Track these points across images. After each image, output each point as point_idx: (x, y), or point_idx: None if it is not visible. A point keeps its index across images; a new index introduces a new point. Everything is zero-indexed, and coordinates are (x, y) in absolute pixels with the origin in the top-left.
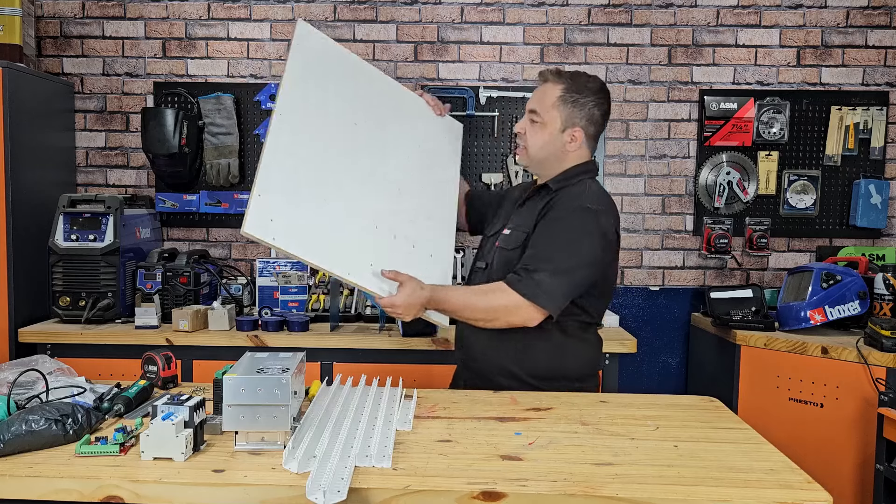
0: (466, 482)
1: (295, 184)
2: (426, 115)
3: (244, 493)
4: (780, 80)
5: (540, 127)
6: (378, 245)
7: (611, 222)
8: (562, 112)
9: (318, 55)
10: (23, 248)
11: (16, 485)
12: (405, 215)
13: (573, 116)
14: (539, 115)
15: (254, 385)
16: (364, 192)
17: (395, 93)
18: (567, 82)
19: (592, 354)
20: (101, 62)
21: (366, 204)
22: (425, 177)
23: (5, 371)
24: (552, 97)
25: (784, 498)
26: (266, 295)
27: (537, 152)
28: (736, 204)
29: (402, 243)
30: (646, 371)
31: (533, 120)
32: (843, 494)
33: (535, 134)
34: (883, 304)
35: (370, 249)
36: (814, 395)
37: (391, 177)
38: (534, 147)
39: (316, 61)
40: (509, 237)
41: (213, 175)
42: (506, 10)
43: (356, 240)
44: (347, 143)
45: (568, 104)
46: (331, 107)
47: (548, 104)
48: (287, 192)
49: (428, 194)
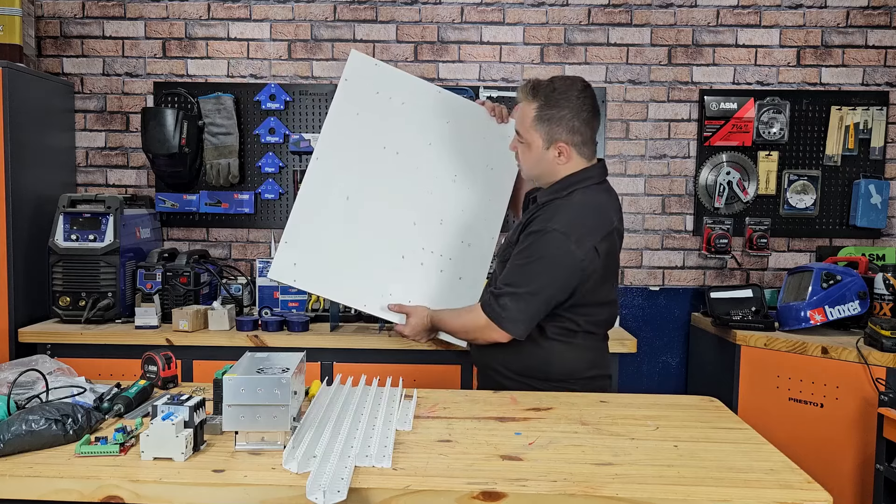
0: (466, 482)
1: (319, 236)
2: (487, 128)
3: (244, 493)
4: (780, 80)
5: (526, 147)
6: (401, 275)
7: (585, 243)
8: (540, 131)
9: (366, 87)
10: (23, 248)
11: (16, 485)
12: (437, 244)
13: (553, 133)
14: (522, 137)
15: (254, 385)
16: (398, 223)
17: (457, 108)
18: (541, 100)
19: (580, 357)
20: (101, 62)
21: (396, 236)
22: (474, 196)
23: (5, 371)
24: (529, 117)
25: (784, 498)
26: (266, 295)
27: (530, 171)
28: (736, 204)
29: (429, 271)
30: (646, 371)
31: (519, 141)
32: (843, 494)
33: (524, 154)
34: (883, 304)
35: (392, 279)
36: (814, 395)
37: (433, 202)
38: (526, 166)
39: (363, 93)
40: (502, 248)
41: (213, 175)
42: (506, 10)
43: (377, 273)
44: (386, 172)
45: (544, 122)
46: (373, 140)
47: (527, 125)
48: (310, 243)
49: (471, 218)
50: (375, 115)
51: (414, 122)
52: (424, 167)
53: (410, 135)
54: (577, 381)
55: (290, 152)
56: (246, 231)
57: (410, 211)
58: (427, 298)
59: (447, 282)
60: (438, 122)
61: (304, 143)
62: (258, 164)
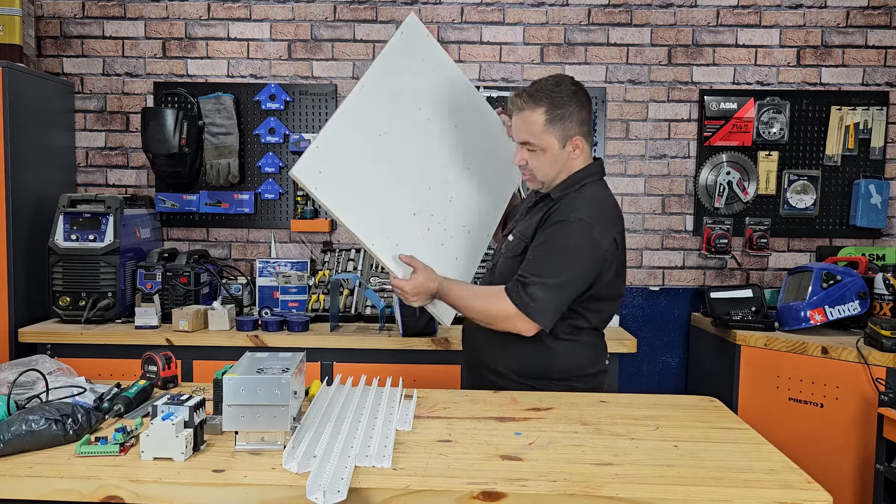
0: (466, 482)
1: (349, 155)
2: (500, 136)
3: (244, 493)
4: (780, 80)
5: (540, 153)
6: (409, 231)
7: (608, 232)
8: (554, 133)
9: (416, 49)
10: (23, 248)
11: (16, 485)
12: (444, 216)
13: (567, 130)
14: (534, 144)
15: (254, 385)
16: (417, 181)
17: (480, 107)
18: (545, 103)
19: (583, 354)
20: (101, 62)
21: (413, 192)
22: (479, 193)
23: (5, 371)
24: (538, 124)
25: (784, 498)
26: (266, 295)
27: (547, 175)
28: (736, 204)
29: (432, 239)
30: (646, 371)
31: (529, 149)
32: (843, 494)
33: (538, 160)
34: (883, 304)
35: (400, 232)
36: (814, 395)
37: (449, 178)
38: (542, 172)
39: (412, 53)
40: (511, 244)
41: (212, 175)
42: (506, 10)
43: (391, 218)
44: (416, 133)
45: (557, 123)
46: (410, 97)
47: (537, 131)
48: (340, 158)
49: (474, 210)
50: (420, 78)
51: (448, 101)
52: (447, 144)
53: (444, 111)
54: (580, 378)
55: (290, 152)
56: (246, 231)
57: (428, 177)
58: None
59: (445, 257)
60: (467, 112)
61: (304, 143)
62: (258, 164)
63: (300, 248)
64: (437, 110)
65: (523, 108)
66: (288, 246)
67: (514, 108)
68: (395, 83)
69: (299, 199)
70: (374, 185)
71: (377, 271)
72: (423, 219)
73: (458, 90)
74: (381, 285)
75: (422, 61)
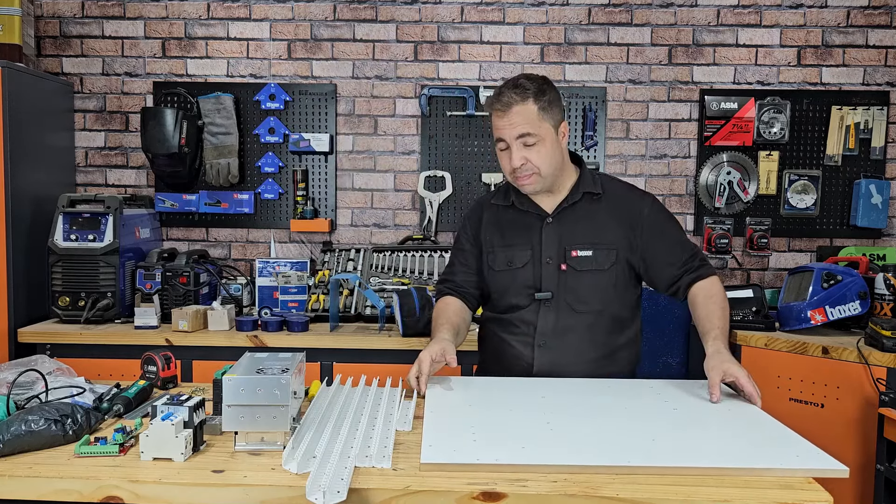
0: (466, 482)
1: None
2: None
3: (244, 493)
4: (781, 79)
5: (540, 145)
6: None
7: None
8: (548, 120)
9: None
10: (22, 248)
11: (16, 485)
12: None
13: (556, 115)
14: (534, 136)
15: (253, 385)
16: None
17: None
18: (532, 93)
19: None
20: (101, 62)
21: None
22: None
23: (5, 371)
24: (534, 113)
25: (784, 498)
26: (266, 295)
27: (550, 167)
28: (736, 204)
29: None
30: (646, 371)
31: (528, 144)
32: (843, 494)
33: (540, 153)
34: (883, 304)
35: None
36: (814, 396)
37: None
38: (545, 165)
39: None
40: (591, 259)
41: (212, 175)
42: (506, 10)
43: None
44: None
45: (548, 110)
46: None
47: (534, 120)
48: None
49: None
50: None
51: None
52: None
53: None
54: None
55: (290, 152)
56: (245, 231)
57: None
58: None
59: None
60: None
61: (304, 142)
62: (258, 163)
63: (300, 248)
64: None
65: (512, 104)
66: (287, 246)
67: (501, 108)
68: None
69: (299, 198)
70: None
71: (377, 271)
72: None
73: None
74: (380, 285)
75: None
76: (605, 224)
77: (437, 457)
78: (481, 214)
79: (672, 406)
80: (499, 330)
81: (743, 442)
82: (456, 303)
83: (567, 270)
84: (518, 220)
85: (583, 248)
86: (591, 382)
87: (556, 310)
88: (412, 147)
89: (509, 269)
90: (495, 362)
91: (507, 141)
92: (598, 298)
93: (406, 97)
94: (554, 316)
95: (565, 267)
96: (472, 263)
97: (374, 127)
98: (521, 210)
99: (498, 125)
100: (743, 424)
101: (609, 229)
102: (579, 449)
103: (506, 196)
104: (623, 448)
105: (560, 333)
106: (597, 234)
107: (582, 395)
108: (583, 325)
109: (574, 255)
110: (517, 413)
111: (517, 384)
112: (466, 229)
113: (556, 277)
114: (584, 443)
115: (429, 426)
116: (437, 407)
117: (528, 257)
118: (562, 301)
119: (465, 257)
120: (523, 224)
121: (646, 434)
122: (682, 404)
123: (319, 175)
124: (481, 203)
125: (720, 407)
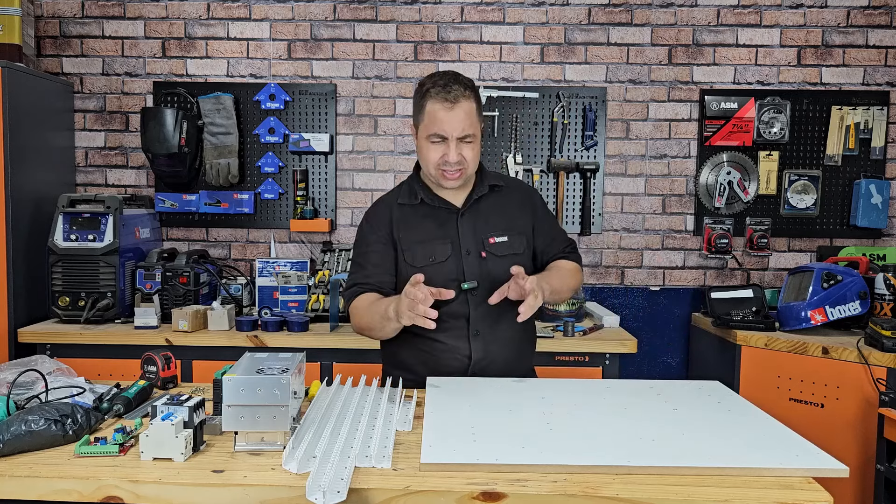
0: (466, 482)
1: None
2: None
3: (244, 493)
4: (781, 79)
5: (475, 143)
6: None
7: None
8: (481, 119)
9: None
10: (22, 248)
11: (16, 485)
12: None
13: (480, 114)
14: (472, 135)
15: (253, 385)
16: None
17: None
18: (473, 93)
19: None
20: (101, 62)
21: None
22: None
23: (5, 371)
24: (473, 111)
25: (784, 498)
26: (266, 295)
27: (475, 164)
28: (736, 204)
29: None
30: (646, 371)
31: (466, 141)
32: (843, 494)
33: (473, 150)
34: (883, 304)
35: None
36: (814, 396)
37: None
38: (474, 162)
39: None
40: (507, 244)
41: (212, 175)
42: (506, 10)
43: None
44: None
45: (480, 110)
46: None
47: (475, 119)
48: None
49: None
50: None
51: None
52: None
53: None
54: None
55: (290, 152)
56: (245, 231)
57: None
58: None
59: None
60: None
61: (304, 142)
62: (258, 163)
63: (300, 248)
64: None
65: (459, 98)
66: (287, 246)
67: (448, 103)
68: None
69: (299, 198)
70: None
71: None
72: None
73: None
74: None
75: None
76: (513, 213)
77: (437, 457)
78: (390, 215)
79: (672, 406)
80: (424, 329)
81: (743, 442)
82: (378, 296)
83: (487, 258)
84: (431, 215)
85: (499, 235)
86: (592, 382)
87: (483, 298)
88: (412, 147)
89: (432, 263)
90: (420, 364)
91: (447, 136)
92: (503, 280)
93: (406, 97)
94: (483, 305)
95: (485, 254)
96: (387, 264)
97: (374, 127)
98: (432, 206)
99: (441, 118)
100: (743, 424)
101: (517, 217)
102: (579, 449)
103: (411, 194)
104: (623, 448)
105: (492, 321)
106: (508, 221)
107: (582, 395)
108: (510, 311)
109: (492, 241)
110: (517, 413)
111: (517, 384)
112: (376, 230)
113: (477, 266)
114: (584, 443)
115: (429, 426)
116: (437, 407)
117: (450, 251)
118: (487, 289)
119: (379, 258)
120: (437, 219)
121: (646, 434)
122: (682, 404)
123: (319, 175)
124: (387, 203)
125: (720, 407)
